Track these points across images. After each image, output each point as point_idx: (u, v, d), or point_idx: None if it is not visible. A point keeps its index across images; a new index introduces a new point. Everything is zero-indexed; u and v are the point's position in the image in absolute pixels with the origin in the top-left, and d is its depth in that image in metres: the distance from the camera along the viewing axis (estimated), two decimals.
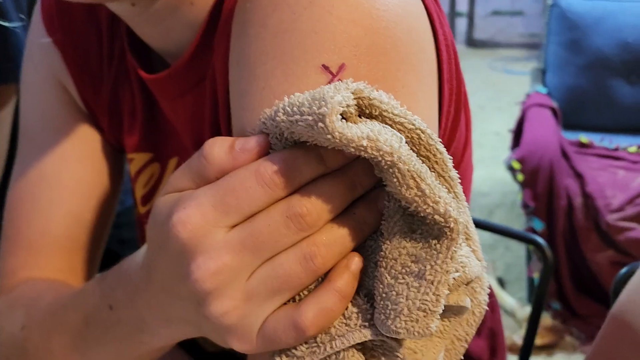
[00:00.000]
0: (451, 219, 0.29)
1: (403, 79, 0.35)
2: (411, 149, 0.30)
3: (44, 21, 0.56)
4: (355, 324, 0.31)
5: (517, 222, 2.24)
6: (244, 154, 0.31)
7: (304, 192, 0.30)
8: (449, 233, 0.29)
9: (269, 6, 0.35)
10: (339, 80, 0.33)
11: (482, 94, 3.89)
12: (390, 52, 0.34)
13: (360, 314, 0.31)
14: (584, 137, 1.96)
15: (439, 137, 0.41)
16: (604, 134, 2.03)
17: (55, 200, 0.56)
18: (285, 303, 0.31)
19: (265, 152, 0.31)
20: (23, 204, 0.56)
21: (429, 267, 0.29)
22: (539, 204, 1.77)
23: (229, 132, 0.42)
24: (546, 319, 1.79)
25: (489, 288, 0.73)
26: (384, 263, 0.30)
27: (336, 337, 0.31)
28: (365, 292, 0.32)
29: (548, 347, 1.77)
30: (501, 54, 4.66)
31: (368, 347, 0.32)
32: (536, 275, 1.82)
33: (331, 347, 0.31)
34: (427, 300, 0.29)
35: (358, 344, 0.32)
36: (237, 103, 0.36)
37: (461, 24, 4.97)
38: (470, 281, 0.33)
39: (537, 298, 0.88)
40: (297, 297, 0.32)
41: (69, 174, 0.56)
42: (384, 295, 0.30)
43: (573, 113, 2.10)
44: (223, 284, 0.29)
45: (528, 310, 1.81)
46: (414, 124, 0.30)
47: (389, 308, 0.30)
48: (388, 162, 0.28)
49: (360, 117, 0.30)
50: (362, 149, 0.28)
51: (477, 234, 0.39)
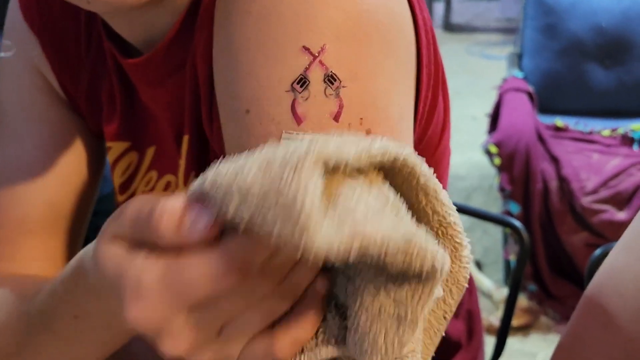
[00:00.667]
0: (438, 266, 0.26)
1: (383, 62, 0.35)
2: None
3: (21, 9, 0.55)
4: (323, 340, 0.30)
5: (495, 205, 2.27)
6: (193, 235, 0.27)
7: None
8: (433, 276, 0.27)
9: None
10: (319, 62, 0.33)
11: (459, 78, 3.91)
12: (371, 35, 0.34)
13: (327, 329, 0.30)
14: (560, 121, 1.99)
15: (417, 121, 0.41)
16: (579, 117, 2.05)
17: (32, 189, 0.55)
18: None
19: (216, 232, 0.28)
20: (0, 192, 0.55)
21: (410, 310, 0.28)
22: (516, 188, 1.79)
23: (210, 120, 0.42)
24: (522, 301, 1.83)
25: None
26: (359, 299, 0.29)
27: (305, 352, 0.30)
28: (334, 303, 0.31)
29: (524, 328, 1.80)
30: (478, 39, 4.69)
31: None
32: (512, 257, 1.84)
33: None
34: (405, 338, 0.28)
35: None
36: (222, 91, 0.37)
37: (439, 8, 4.98)
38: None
39: (514, 280, 0.89)
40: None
41: (47, 161, 0.56)
42: (359, 330, 0.29)
43: (549, 97, 2.12)
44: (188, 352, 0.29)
45: (505, 292, 1.84)
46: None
47: (366, 344, 0.28)
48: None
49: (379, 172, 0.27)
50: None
51: None
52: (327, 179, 0.26)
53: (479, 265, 2.05)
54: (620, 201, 1.70)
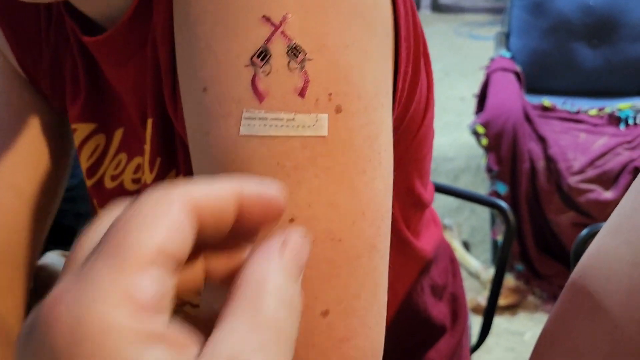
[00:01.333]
0: None
1: (355, 33, 0.32)
2: None
3: None
4: None
5: (482, 185, 2.27)
6: None
7: None
8: None
9: None
10: (281, 32, 0.31)
11: (447, 59, 3.90)
12: (341, 4, 0.32)
13: None
14: (547, 101, 1.98)
15: (397, 99, 0.39)
16: (566, 97, 2.05)
17: None
18: None
19: None
20: None
21: None
22: (503, 168, 1.79)
23: (173, 102, 0.40)
24: (509, 280, 1.84)
25: (451, 254, 0.73)
26: None
27: None
28: None
29: (511, 307, 1.81)
30: (466, 19, 4.66)
31: None
32: (500, 237, 1.85)
33: None
34: None
35: None
36: (182, 70, 0.34)
37: None
38: None
39: (500, 261, 0.89)
40: None
41: (9, 145, 0.54)
42: None
43: (536, 77, 2.12)
44: None
45: (492, 272, 1.85)
46: None
47: None
48: None
49: None
50: None
51: (443, 199, 0.37)
52: None
53: (466, 245, 2.06)
54: (606, 181, 1.70)
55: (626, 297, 0.30)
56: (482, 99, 1.94)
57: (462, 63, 3.83)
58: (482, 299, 1.76)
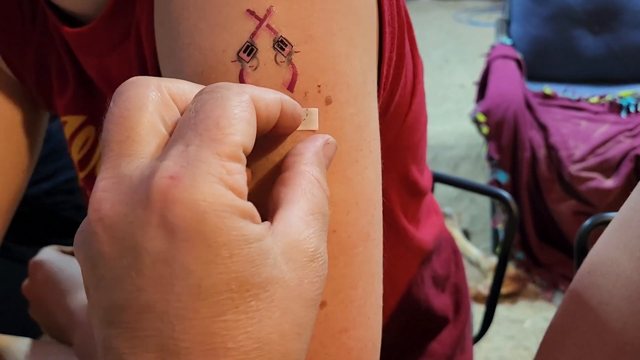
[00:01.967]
0: None
1: (341, 21, 0.32)
2: None
3: None
4: None
5: (483, 174, 2.27)
6: None
7: None
8: None
9: None
10: (267, 25, 0.30)
11: (447, 46, 3.88)
12: None
13: None
14: (548, 89, 1.97)
15: (382, 85, 0.38)
16: (567, 85, 2.04)
17: None
18: None
19: None
20: None
21: None
22: (504, 156, 1.78)
23: None
24: (510, 269, 1.84)
25: (453, 244, 0.72)
26: None
27: None
28: None
29: (511, 296, 1.82)
30: (465, 5, 4.63)
31: None
32: (500, 226, 1.85)
33: None
34: None
35: None
36: (165, 65, 0.34)
37: None
38: None
39: (503, 252, 0.89)
40: None
41: None
42: None
43: (537, 64, 2.10)
44: None
45: (492, 261, 1.86)
46: None
47: None
48: None
49: None
50: None
51: (443, 188, 0.37)
52: None
53: (467, 234, 2.06)
54: (607, 169, 1.70)
55: (636, 294, 0.29)
56: (482, 86, 1.93)
57: (462, 50, 3.81)
58: (483, 287, 1.76)
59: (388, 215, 0.37)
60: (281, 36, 0.31)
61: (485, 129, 1.80)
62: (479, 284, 1.81)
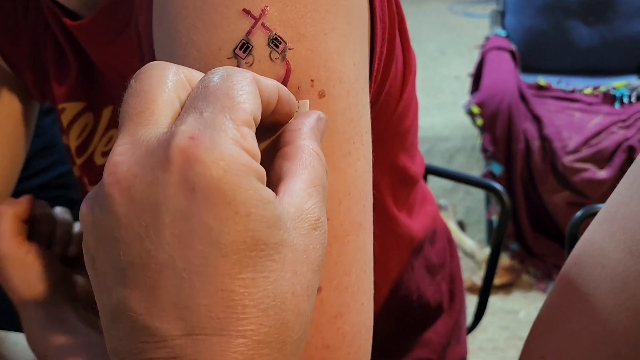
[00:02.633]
0: None
1: (332, 19, 0.33)
2: None
3: None
4: None
5: (478, 166, 2.28)
6: None
7: None
8: None
9: None
10: (262, 24, 0.31)
11: (442, 38, 3.87)
12: None
13: None
14: (542, 80, 1.97)
15: (372, 78, 0.39)
16: (561, 76, 2.04)
17: None
18: None
19: None
20: None
21: None
22: (498, 148, 1.79)
23: None
24: (504, 260, 1.85)
25: (448, 234, 0.72)
26: None
27: None
28: None
29: (506, 286, 1.83)
30: None
31: None
32: (495, 217, 1.86)
33: None
34: None
35: None
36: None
37: None
38: None
39: (496, 242, 0.89)
40: None
41: None
42: None
43: (531, 55, 2.10)
44: None
45: (487, 252, 1.86)
46: None
47: None
48: None
49: None
50: None
51: (438, 179, 0.39)
52: None
53: (461, 225, 2.06)
54: (601, 160, 1.70)
55: (621, 285, 0.30)
56: (477, 78, 1.93)
57: (456, 41, 3.80)
58: (478, 278, 1.77)
59: (377, 203, 0.39)
60: (275, 34, 0.32)
61: (479, 121, 1.80)
62: (474, 275, 1.82)
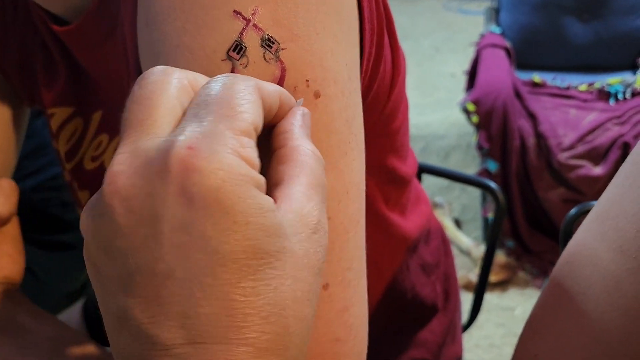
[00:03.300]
0: None
1: (324, 20, 0.33)
2: None
3: None
4: None
5: (473, 163, 2.28)
6: None
7: None
8: None
9: None
10: (253, 25, 0.31)
11: (437, 35, 3.87)
12: None
13: None
14: (537, 77, 1.98)
15: (361, 78, 0.39)
16: (556, 73, 2.05)
17: None
18: None
19: None
20: None
21: None
22: (494, 145, 1.79)
23: None
24: (500, 257, 1.85)
25: (442, 233, 0.71)
26: None
27: None
28: None
29: (502, 283, 1.83)
30: None
31: None
32: (491, 215, 1.86)
33: None
34: None
35: None
36: (152, 66, 0.34)
37: None
38: None
39: (490, 241, 0.89)
40: None
41: None
42: None
43: (526, 52, 2.11)
44: None
45: (483, 249, 1.86)
46: None
47: None
48: None
49: None
50: None
51: (434, 178, 0.40)
52: None
53: (457, 223, 2.07)
54: (596, 156, 1.71)
55: (613, 284, 0.29)
56: (472, 76, 1.93)
57: (452, 38, 3.80)
58: (474, 276, 1.77)
59: (367, 203, 0.39)
60: (268, 34, 0.32)
61: (475, 118, 1.80)
62: (470, 272, 1.82)
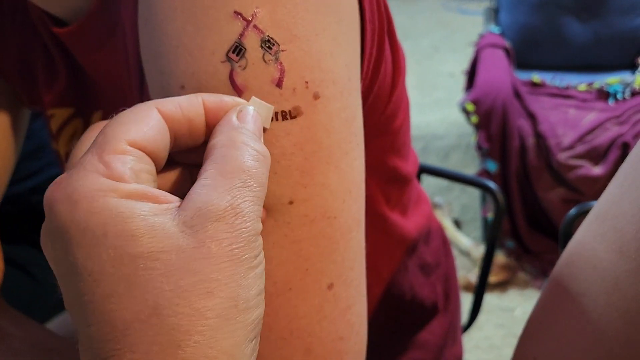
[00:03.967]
0: None
1: (323, 21, 0.33)
2: None
3: None
4: None
5: (473, 163, 2.28)
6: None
7: None
8: None
9: None
10: (254, 26, 0.31)
11: (436, 34, 3.87)
12: None
13: None
14: (537, 77, 1.97)
15: (362, 79, 0.39)
16: (555, 72, 2.04)
17: None
18: None
19: None
20: None
21: None
22: (493, 145, 1.79)
23: (140, 97, 0.40)
24: (500, 257, 1.85)
25: (442, 233, 0.71)
26: None
27: None
28: None
29: (502, 284, 1.83)
30: None
31: None
32: (490, 215, 1.86)
33: None
34: None
35: None
36: (152, 66, 0.34)
37: None
38: None
39: (489, 242, 0.89)
40: None
41: None
42: None
43: (526, 52, 2.11)
44: None
45: (483, 250, 1.86)
46: None
47: None
48: None
49: None
50: None
51: (433, 178, 0.40)
52: None
53: (457, 223, 2.06)
54: (595, 156, 1.71)
55: (612, 285, 0.29)
56: (471, 76, 1.93)
57: (451, 38, 3.80)
58: (473, 276, 1.77)
59: (367, 202, 0.39)
60: (268, 36, 0.32)
61: (474, 118, 1.80)
62: (470, 273, 1.82)
